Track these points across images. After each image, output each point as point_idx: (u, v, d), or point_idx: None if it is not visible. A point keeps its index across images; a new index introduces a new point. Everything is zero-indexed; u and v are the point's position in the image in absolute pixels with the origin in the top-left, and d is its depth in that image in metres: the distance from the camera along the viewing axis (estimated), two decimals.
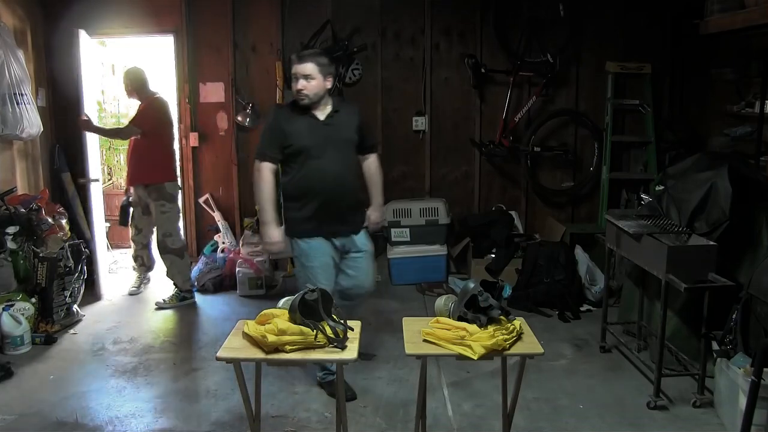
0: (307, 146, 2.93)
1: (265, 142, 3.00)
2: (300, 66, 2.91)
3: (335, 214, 2.99)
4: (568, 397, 3.16)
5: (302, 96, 2.92)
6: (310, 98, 2.93)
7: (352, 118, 3.09)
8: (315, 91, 2.92)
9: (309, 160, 2.94)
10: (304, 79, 2.90)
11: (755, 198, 3.20)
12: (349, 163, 3.06)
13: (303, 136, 2.94)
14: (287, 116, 2.98)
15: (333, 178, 2.95)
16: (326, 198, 2.96)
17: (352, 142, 3.07)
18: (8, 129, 4.30)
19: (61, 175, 5.06)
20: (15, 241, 3.93)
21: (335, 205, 2.99)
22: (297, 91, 2.92)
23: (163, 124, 4.44)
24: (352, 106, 3.20)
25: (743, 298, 2.87)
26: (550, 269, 4.42)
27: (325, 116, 2.99)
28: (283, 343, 2.12)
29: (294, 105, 3.00)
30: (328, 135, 2.97)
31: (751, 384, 2.24)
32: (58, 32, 5.04)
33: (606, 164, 5.07)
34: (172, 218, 4.49)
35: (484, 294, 2.25)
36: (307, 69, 2.89)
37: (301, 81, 2.90)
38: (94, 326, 4.13)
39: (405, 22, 5.12)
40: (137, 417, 2.98)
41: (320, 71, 2.91)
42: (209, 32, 5.09)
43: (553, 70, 4.95)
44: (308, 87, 2.90)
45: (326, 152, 2.95)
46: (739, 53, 4.50)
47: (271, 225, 2.99)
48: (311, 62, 2.90)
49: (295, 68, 2.92)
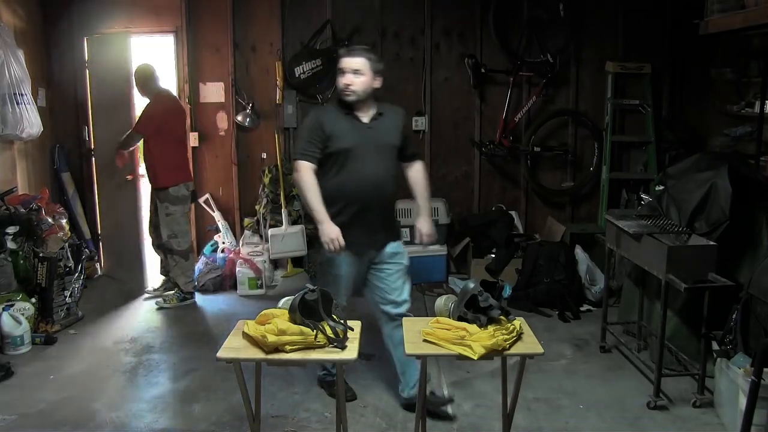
0: (348, 148, 2.76)
1: (305, 140, 2.81)
2: (350, 59, 2.75)
3: (370, 222, 2.81)
4: (568, 397, 3.16)
5: (349, 92, 2.75)
6: (358, 95, 2.76)
7: (397, 122, 2.92)
8: (363, 87, 2.76)
9: (348, 163, 2.77)
10: (353, 74, 2.73)
11: (755, 198, 3.20)
12: (389, 169, 2.86)
13: (344, 137, 2.77)
14: (329, 115, 2.82)
15: (372, 184, 2.78)
16: (363, 204, 2.78)
17: (395, 148, 2.89)
18: (8, 129, 4.30)
19: (61, 175, 5.06)
20: (15, 241, 3.93)
21: (372, 213, 2.80)
22: (344, 86, 2.75)
23: (160, 125, 4.35)
24: (396, 109, 3.00)
25: (743, 298, 2.87)
26: (550, 269, 4.42)
27: (369, 119, 2.82)
28: (283, 343, 2.12)
29: (336, 105, 2.85)
30: (371, 138, 2.80)
31: (751, 384, 2.24)
32: (58, 32, 5.05)
33: (606, 164, 5.06)
34: (177, 220, 4.46)
35: (484, 294, 2.25)
36: (358, 63, 2.73)
37: (348, 75, 2.74)
38: (94, 326, 4.13)
39: (405, 22, 5.12)
40: (137, 417, 2.98)
41: (371, 67, 2.76)
42: (209, 32, 5.09)
43: (553, 70, 4.95)
44: (356, 83, 2.74)
45: (367, 156, 2.78)
46: (739, 53, 4.49)
47: (326, 222, 2.76)
48: (363, 57, 2.75)
49: (344, 62, 2.76)
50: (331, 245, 2.73)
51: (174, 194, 4.41)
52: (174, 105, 4.54)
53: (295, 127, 5.20)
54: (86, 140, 5.18)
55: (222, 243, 5.14)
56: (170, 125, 4.42)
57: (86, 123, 5.15)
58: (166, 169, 4.39)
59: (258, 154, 5.24)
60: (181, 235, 4.47)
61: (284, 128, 5.20)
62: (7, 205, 4.09)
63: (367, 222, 2.80)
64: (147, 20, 5.03)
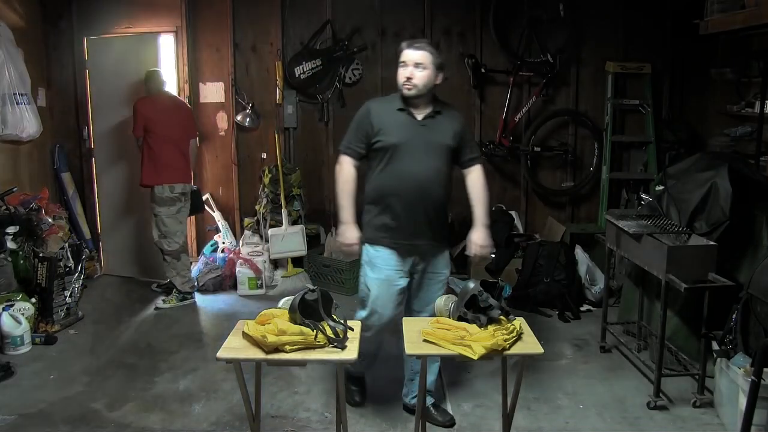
0: (395, 144, 2.65)
1: (350, 134, 2.74)
2: (413, 52, 2.63)
3: (414, 225, 2.69)
4: (568, 397, 3.16)
5: (410, 85, 2.63)
6: (419, 89, 2.64)
7: (453, 123, 2.76)
8: (424, 82, 2.64)
9: (394, 159, 2.66)
10: (415, 67, 2.62)
11: (755, 198, 3.21)
12: (440, 171, 2.71)
13: (393, 132, 2.66)
14: (381, 109, 2.71)
15: (418, 184, 2.66)
16: (407, 203, 2.66)
17: (447, 149, 2.72)
18: (8, 129, 4.31)
19: (61, 175, 5.07)
20: (15, 241, 3.93)
21: (415, 213, 2.68)
22: (405, 80, 2.63)
23: (147, 124, 4.33)
24: (455, 110, 2.85)
25: (743, 298, 2.87)
26: (550, 269, 4.42)
27: (423, 116, 2.70)
28: (283, 343, 2.12)
29: (391, 99, 2.74)
30: (422, 136, 2.67)
31: (751, 384, 2.24)
32: (58, 32, 5.05)
33: (606, 164, 5.07)
34: (164, 221, 4.40)
35: (484, 294, 2.25)
36: (421, 57, 2.62)
37: (410, 68, 2.62)
38: (94, 326, 4.13)
39: (405, 22, 5.12)
40: (138, 417, 2.98)
41: (433, 62, 2.65)
42: (209, 32, 5.09)
43: (553, 70, 4.95)
44: (418, 76, 2.62)
45: (415, 154, 2.65)
46: (739, 53, 4.50)
47: (349, 224, 2.70)
48: (426, 51, 2.64)
49: (406, 54, 2.64)
50: (347, 249, 2.70)
51: (159, 195, 4.38)
52: (166, 105, 4.48)
53: (295, 127, 5.21)
54: (86, 140, 5.17)
55: (222, 243, 5.14)
56: (159, 125, 4.36)
57: (86, 123, 5.15)
58: (152, 168, 4.36)
59: (258, 154, 5.24)
60: (169, 235, 4.43)
61: (284, 128, 5.20)
62: (7, 205, 4.09)
63: (411, 225, 2.68)
64: (147, 20, 5.02)
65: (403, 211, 2.67)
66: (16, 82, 4.34)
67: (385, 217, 2.69)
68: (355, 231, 2.72)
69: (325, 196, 5.31)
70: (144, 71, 4.55)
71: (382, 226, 2.70)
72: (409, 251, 2.72)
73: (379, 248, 2.72)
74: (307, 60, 5.01)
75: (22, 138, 4.48)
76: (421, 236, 2.72)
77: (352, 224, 2.72)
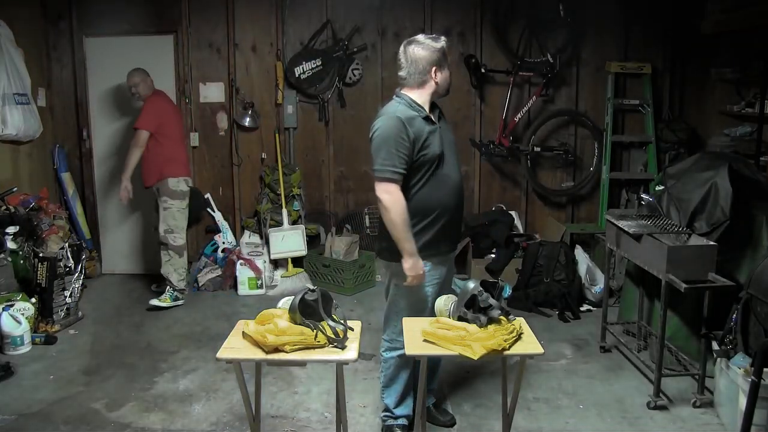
0: (439, 153, 2.49)
1: (390, 156, 2.40)
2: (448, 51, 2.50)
3: (456, 231, 2.64)
4: (568, 397, 3.16)
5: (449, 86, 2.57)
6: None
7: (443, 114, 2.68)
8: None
9: (438, 169, 2.50)
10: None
11: (755, 198, 3.21)
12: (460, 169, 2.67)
13: (433, 141, 2.47)
14: (409, 121, 2.45)
15: (457, 188, 2.58)
16: (452, 212, 2.57)
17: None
18: (8, 129, 4.31)
19: (61, 175, 5.06)
20: (15, 241, 3.93)
21: (457, 220, 2.63)
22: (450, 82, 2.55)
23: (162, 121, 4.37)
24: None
25: (743, 298, 2.87)
26: (550, 269, 4.42)
27: (435, 117, 2.57)
28: (283, 343, 2.12)
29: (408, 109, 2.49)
30: (446, 138, 2.56)
31: (751, 384, 2.24)
32: (58, 32, 5.05)
33: (606, 164, 5.06)
34: (174, 215, 4.45)
35: (484, 294, 2.25)
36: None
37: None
38: (94, 326, 4.13)
39: (405, 22, 5.12)
40: (138, 417, 2.98)
41: None
42: (209, 32, 5.09)
43: (553, 70, 4.95)
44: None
45: (449, 159, 2.55)
46: (739, 53, 4.50)
47: (416, 256, 2.47)
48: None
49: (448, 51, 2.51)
50: (416, 281, 2.50)
51: (173, 188, 4.41)
52: (171, 104, 4.61)
53: (295, 127, 5.20)
54: (86, 140, 5.17)
55: (222, 243, 5.14)
56: (171, 122, 4.47)
57: (86, 123, 5.15)
58: (167, 161, 4.39)
59: (258, 154, 5.24)
60: (177, 230, 4.47)
61: (284, 128, 5.20)
62: (7, 205, 4.09)
63: (453, 230, 2.63)
64: (147, 20, 5.02)
65: (449, 220, 2.56)
66: (16, 82, 4.34)
67: (429, 230, 2.53)
68: (421, 260, 2.51)
69: (325, 197, 5.31)
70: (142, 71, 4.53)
71: (429, 238, 2.53)
72: (445, 262, 2.64)
73: (427, 262, 2.55)
74: (307, 60, 5.02)
75: (22, 138, 4.48)
76: (455, 240, 2.68)
77: (418, 255, 2.49)
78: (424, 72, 2.48)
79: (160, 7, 5.01)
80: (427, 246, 2.53)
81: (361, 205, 5.26)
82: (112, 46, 5.04)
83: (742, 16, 3.78)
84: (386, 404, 2.78)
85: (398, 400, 2.76)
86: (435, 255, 2.57)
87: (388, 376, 2.74)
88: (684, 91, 5.19)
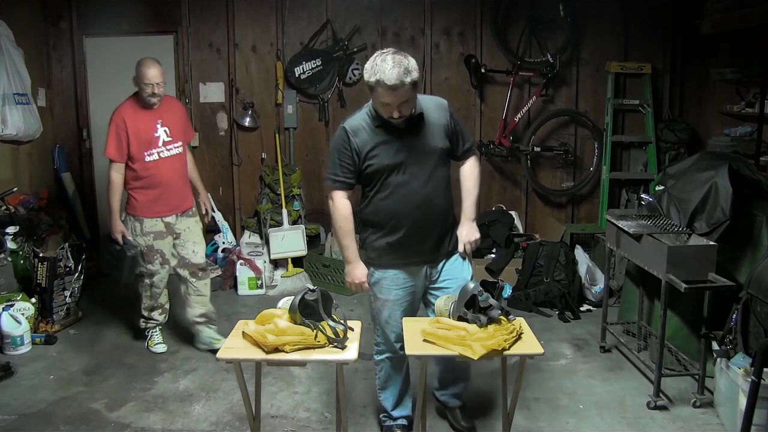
0: (388, 164, 2.41)
1: (333, 164, 2.46)
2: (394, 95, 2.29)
3: (424, 240, 2.50)
4: (568, 397, 3.16)
5: (400, 120, 2.39)
6: (409, 115, 2.41)
7: (439, 117, 2.49)
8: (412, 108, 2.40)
9: (391, 181, 2.43)
10: (401, 104, 2.33)
11: (755, 198, 3.21)
12: (438, 178, 2.49)
13: (381, 151, 2.41)
14: (358, 130, 2.42)
15: (421, 200, 2.45)
16: (414, 224, 2.46)
17: (440, 152, 2.49)
18: (8, 129, 4.31)
19: (62, 175, 5.07)
20: (15, 241, 3.93)
21: (423, 232, 2.49)
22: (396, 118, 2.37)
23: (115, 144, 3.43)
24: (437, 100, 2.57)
25: (743, 298, 2.87)
26: (550, 269, 4.42)
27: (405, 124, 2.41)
28: (283, 343, 2.12)
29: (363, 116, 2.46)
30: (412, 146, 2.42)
31: (751, 384, 2.24)
32: (58, 32, 5.05)
33: (606, 164, 5.07)
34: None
35: (484, 294, 2.25)
36: (405, 95, 2.31)
37: (395, 108, 2.33)
38: (94, 326, 4.13)
39: (405, 22, 5.12)
40: (138, 417, 2.98)
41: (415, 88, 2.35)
42: (209, 32, 5.09)
43: (553, 70, 4.95)
44: (405, 110, 2.37)
45: (411, 169, 2.43)
46: (739, 53, 4.50)
47: (356, 263, 2.51)
48: (407, 85, 2.29)
49: (387, 97, 2.29)
50: (354, 288, 2.54)
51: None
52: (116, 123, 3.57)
53: (295, 127, 5.21)
54: (86, 140, 5.17)
55: (222, 243, 5.14)
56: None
57: (86, 123, 5.15)
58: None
59: (258, 154, 5.24)
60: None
61: (284, 128, 5.20)
62: (7, 205, 4.09)
63: (420, 241, 2.50)
64: (147, 20, 5.02)
65: (409, 232, 2.47)
66: (16, 82, 4.34)
67: (390, 239, 2.49)
68: (363, 268, 2.53)
69: (325, 197, 5.30)
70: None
71: (387, 246, 2.50)
72: (419, 264, 2.55)
73: (386, 270, 2.54)
74: (307, 60, 5.02)
75: (22, 138, 4.48)
76: (432, 251, 2.55)
77: (358, 262, 2.52)
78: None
79: (160, 7, 5.02)
80: (386, 253, 2.51)
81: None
82: (112, 46, 5.04)
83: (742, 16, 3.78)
84: (384, 406, 2.79)
85: (395, 401, 2.77)
86: (396, 265, 2.52)
87: (382, 378, 2.76)
88: (684, 91, 5.19)
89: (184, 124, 3.63)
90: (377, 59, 2.27)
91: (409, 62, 2.27)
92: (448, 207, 2.58)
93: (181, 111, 3.66)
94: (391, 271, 2.53)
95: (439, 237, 2.55)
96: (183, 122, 3.62)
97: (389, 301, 2.56)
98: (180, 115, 3.62)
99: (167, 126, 3.47)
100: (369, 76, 2.29)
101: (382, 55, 2.28)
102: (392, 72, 2.22)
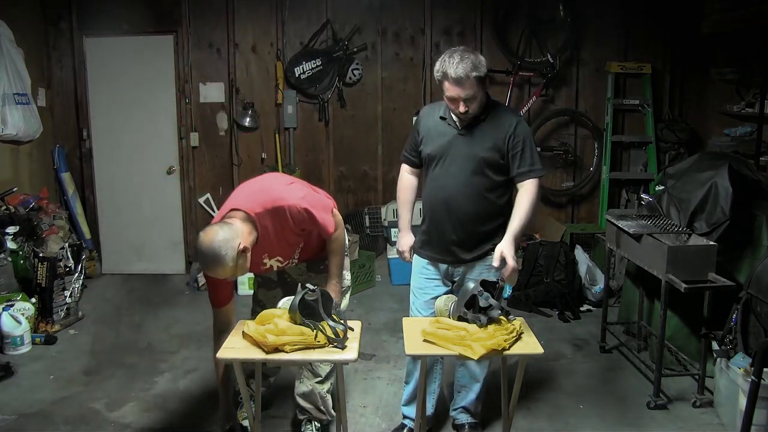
0: (431, 154, 2.53)
1: (408, 141, 2.69)
2: (458, 89, 2.36)
3: (441, 239, 2.56)
4: (568, 397, 3.16)
5: (467, 116, 2.45)
6: (476, 113, 2.44)
7: (498, 131, 2.45)
8: (479, 105, 2.43)
9: (432, 171, 2.56)
10: (466, 100, 2.39)
11: (755, 198, 3.21)
12: (469, 184, 2.47)
13: (433, 141, 2.52)
14: (428, 116, 2.60)
15: (444, 198, 2.51)
16: (435, 218, 2.56)
17: (482, 162, 2.45)
18: (8, 129, 4.31)
19: (61, 175, 5.06)
20: (15, 241, 3.93)
21: (442, 229, 2.54)
22: (461, 113, 2.44)
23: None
24: (508, 113, 2.53)
25: (743, 298, 2.87)
26: (550, 269, 4.42)
27: (465, 124, 2.48)
28: (283, 343, 2.12)
29: (440, 104, 2.55)
30: (458, 147, 2.47)
31: (751, 384, 2.24)
32: (58, 32, 5.05)
33: (606, 164, 5.07)
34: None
35: (484, 294, 2.25)
36: (470, 89, 2.35)
37: (461, 103, 2.40)
38: (94, 326, 4.13)
39: (405, 22, 5.12)
40: (138, 417, 2.98)
41: (482, 81, 2.39)
42: (209, 32, 5.09)
43: (553, 70, 4.95)
44: (473, 107, 2.42)
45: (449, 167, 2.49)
46: (739, 53, 4.50)
47: (404, 232, 2.70)
48: (472, 78, 2.33)
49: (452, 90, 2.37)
50: (399, 256, 2.76)
51: None
52: None
53: (295, 127, 5.20)
54: (86, 140, 5.17)
55: None
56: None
57: (86, 123, 5.15)
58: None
59: (258, 154, 5.24)
60: None
61: (284, 128, 5.20)
62: (7, 205, 4.09)
63: (440, 238, 2.56)
64: (147, 20, 5.02)
65: (432, 225, 2.58)
66: (16, 82, 4.34)
67: (422, 227, 2.65)
68: (409, 239, 2.71)
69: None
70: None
71: (420, 234, 2.67)
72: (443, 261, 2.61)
73: (417, 257, 2.69)
74: (307, 60, 5.02)
75: (22, 138, 4.48)
76: (451, 253, 2.56)
77: (407, 232, 2.71)
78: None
79: (160, 7, 5.01)
80: (419, 240, 2.68)
81: (361, 205, 5.26)
82: (112, 46, 5.04)
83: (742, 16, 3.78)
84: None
85: (408, 398, 2.81)
86: (424, 255, 2.66)
87: (407, 371, 2.83)
88: (684, 91, 5.20)
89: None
90: (446, 55, 2.38)
91: (476, 58, 2.35)
92: (478, 215, 2.50)
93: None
94: (420, 260, 2.67)
95: (461, 242, 2.53)
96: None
97: (414, 288, 2.70)
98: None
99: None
100: (436, 71, 2.40)
101: (451, 51, 2.38)
102: (458, 66, 2.31)
